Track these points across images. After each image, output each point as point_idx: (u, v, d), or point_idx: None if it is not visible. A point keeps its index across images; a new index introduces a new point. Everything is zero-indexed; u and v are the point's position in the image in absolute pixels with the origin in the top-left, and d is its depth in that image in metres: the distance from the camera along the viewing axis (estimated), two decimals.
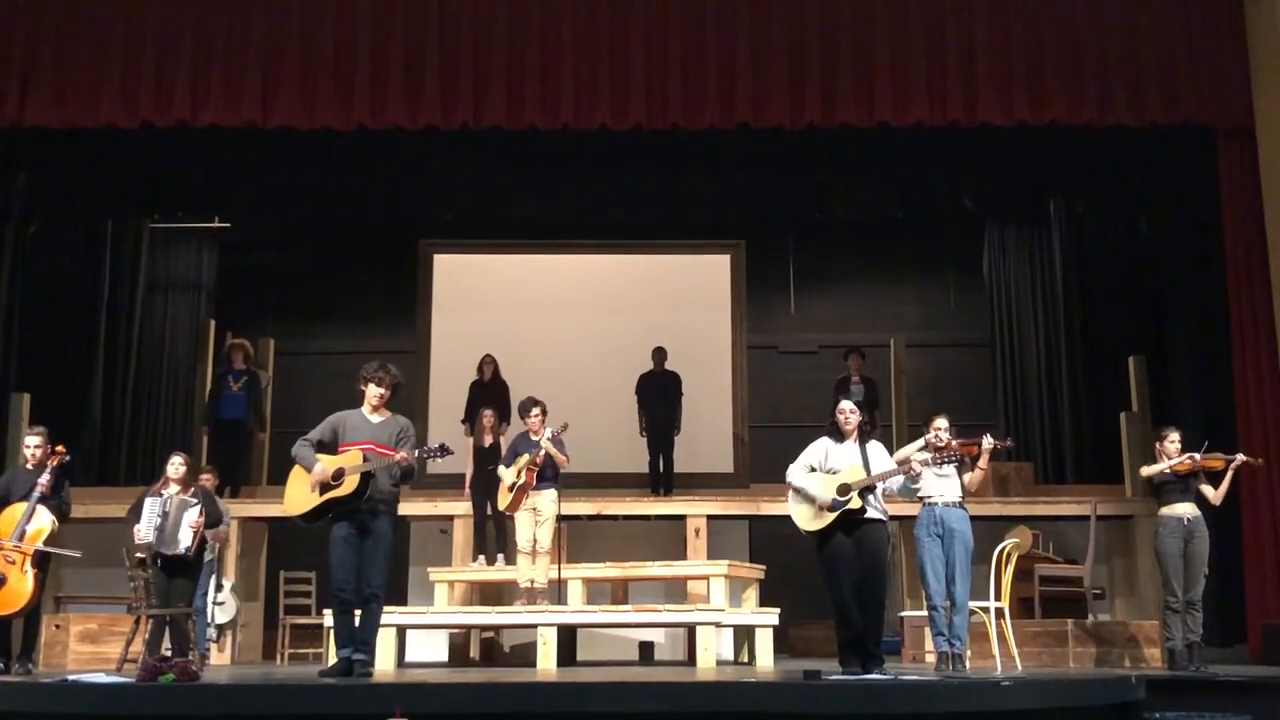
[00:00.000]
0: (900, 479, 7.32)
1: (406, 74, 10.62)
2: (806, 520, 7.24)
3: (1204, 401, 10.85)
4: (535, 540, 9.31)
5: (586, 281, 13.44)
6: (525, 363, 12.65)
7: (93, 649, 9.76)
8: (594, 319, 13.24)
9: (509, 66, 10.65)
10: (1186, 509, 8.45)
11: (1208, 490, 8.51)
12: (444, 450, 7.29)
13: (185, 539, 8.22)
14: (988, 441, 7.69)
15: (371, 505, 6.95)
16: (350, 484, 6.87)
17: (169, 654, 8.44)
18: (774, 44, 10.68)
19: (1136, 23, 10.71)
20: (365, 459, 6.92)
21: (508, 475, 9.41)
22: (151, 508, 8.31)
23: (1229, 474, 8.50)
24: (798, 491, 7.28)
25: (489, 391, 11.59)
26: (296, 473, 7.12)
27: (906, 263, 14.52)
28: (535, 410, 9.41)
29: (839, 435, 7.39)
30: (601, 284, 13.44)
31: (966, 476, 7.71)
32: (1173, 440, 8.57)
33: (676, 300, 13.28)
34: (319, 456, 7.00)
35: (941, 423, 7.70)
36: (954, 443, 7.68)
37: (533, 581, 9.30)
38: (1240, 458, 8.50)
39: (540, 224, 13.12)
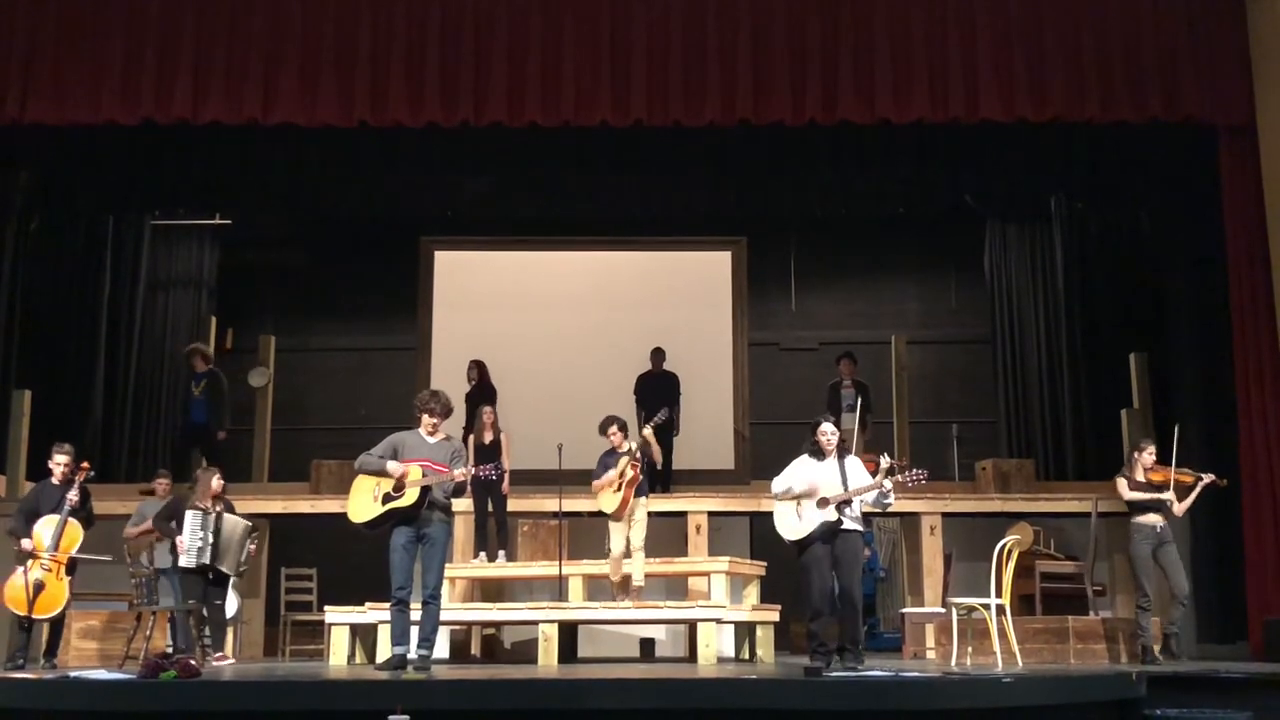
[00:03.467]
0: (874, 493, 7.65)
1: (407, 71, 10.60)
2: (789, 530, 7.61)
3: (1205, 398, 10.86)
4: (629, 542, 9.36)
5: (588, 278, 13.44)
6: (526, 359, 12.68)
7: (95, 645, 9.76)
8: (595, 316, 13.24)
9: (510, 63, 10.63)
10: (1158, 518, 8.91)
11: (1170, 498, 8.91)
12: (497, 469, 8.21)
13: (241, 561, 9.13)
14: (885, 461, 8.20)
15: (428, 514, 7.53)
16: (410, 496, 7.46)
17: (169, 650, 8.54)
18: (775, 40, 10.66)
19: (1138, 19, 10.69)
20: (424, 474, 7.48)
21: (610, 477, 9.42)
22: (194, 523, 8.92)
23: (1196, 490, 8.94)
24: (781, 498, 7.63)
25: (479, 396, 11.64)
26: (359, 482, 7.70)
27: (908, 259, 14.52)
28: (613, 428, 9.47)
29: (820, 454, 7.70)
30: (603, 281, 13.43)
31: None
32: (1150, 452, 9.04)
33: (678, 297, 13.28)
34: (388, 462, 7.54)
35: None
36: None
37: (631, 579, 9.36)
38: (1209, 477, 8.95)
39: (541, 221, 13.14)
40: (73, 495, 8.58)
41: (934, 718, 6.08)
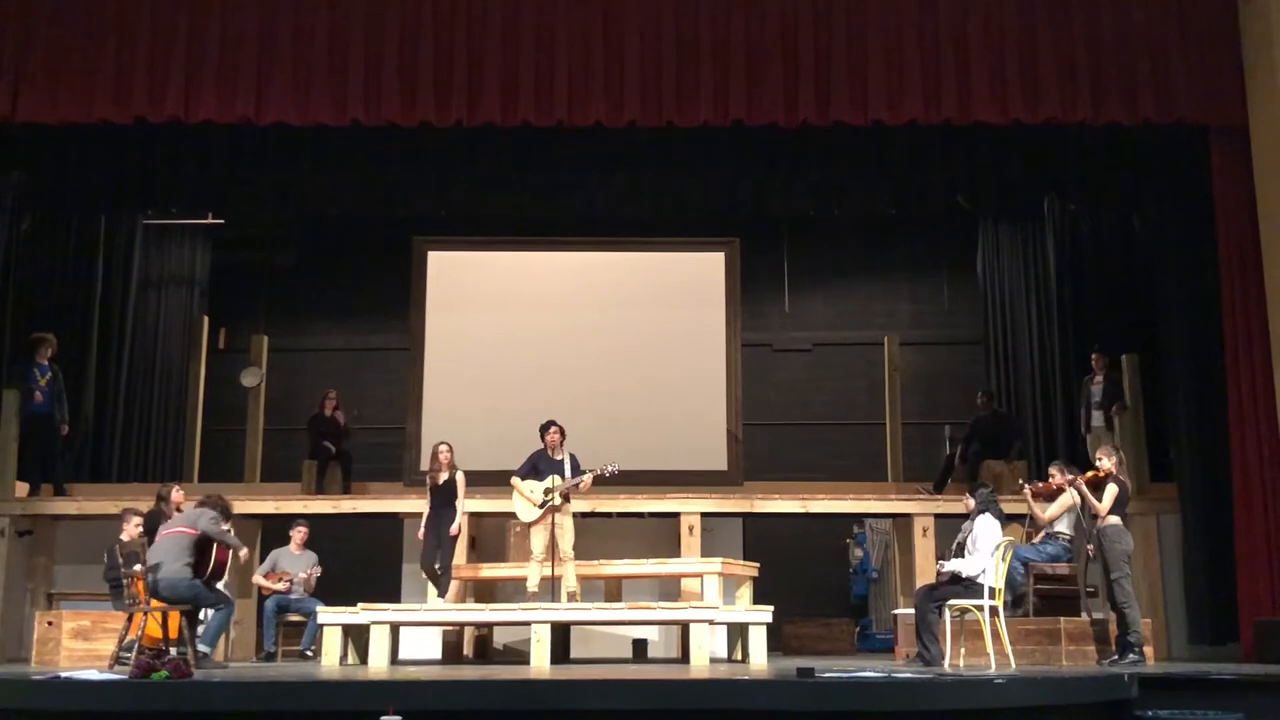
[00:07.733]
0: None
1: (400, 70, 10.58)
2: None
3: (1197, 399, 10.87)
4: (557, 547, 9.49)
5: (580, 278, 13.42)
6: (519, 360, 12.66)
7: (85, 646, 9.72)
8: (588, 316, 13.22)
9: (503, 63, 10.62)
10: None
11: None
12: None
13: None
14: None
15: None
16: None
17: (161, 650, 8.51)
18: (768, 41, 10.65)
19: (1130, 21, 10.70)
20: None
21: (536, 493, 9.56)
22: None
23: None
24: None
25: (330, 426, 12.01)
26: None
27: (900, 261, 14.55)
28: (552, 430, 9.73)
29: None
30: (596, 281, 13.42)
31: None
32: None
33: (670, 297, 13.27)
34: None
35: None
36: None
37: (563, 585, 9.50)
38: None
39: (534, 221, 13.12)
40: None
41: (927, 718, 6.09)
